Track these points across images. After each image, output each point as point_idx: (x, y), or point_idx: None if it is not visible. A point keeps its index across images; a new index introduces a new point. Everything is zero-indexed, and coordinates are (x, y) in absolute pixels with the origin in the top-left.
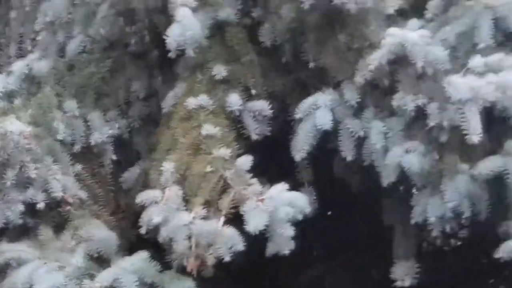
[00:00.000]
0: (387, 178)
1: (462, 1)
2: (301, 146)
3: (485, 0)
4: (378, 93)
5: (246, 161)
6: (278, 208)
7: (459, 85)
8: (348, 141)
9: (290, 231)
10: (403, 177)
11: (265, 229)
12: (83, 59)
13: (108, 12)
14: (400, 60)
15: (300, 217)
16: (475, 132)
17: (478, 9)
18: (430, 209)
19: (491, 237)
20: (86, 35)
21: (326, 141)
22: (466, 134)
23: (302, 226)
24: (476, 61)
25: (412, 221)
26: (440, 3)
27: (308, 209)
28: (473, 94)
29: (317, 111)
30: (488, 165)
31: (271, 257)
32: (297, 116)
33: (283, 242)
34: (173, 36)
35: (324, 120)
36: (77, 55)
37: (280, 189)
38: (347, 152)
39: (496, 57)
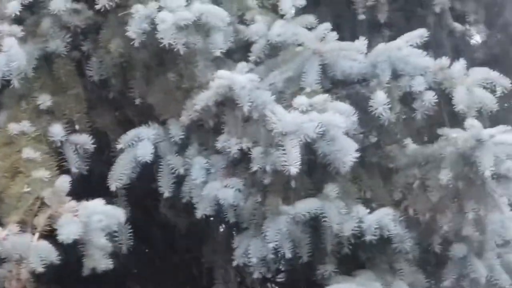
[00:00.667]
0: (203, 210)
1: (291, 46)
2: (118, 176)
3: (313, 46)
4: (203, 132)
5: (64, 181)
6: (92, 216)
7: (283, 117)
8: (167, 177)
9: (104, 240)
10: (220, 212)
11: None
12: None
13: None
14: (227, 103)
15: (115, 227)
16: (293, 164)
17: (306, 54)
18: (252, 250)
19: (309, 281)
20: None
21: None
22: (288, 177)
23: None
24: (301, 100)
25: (234, 263)
26: (265, 47)
27: (122, 219)
28: (295, 128)
29: (139, 143)
30: (306, 207)
31: None
32: (119, 146)
33: (99, 255)
34: None
35: (145, 152)
36: None
37: (95, 202)
38: (165, 188)
39: (321, 98)
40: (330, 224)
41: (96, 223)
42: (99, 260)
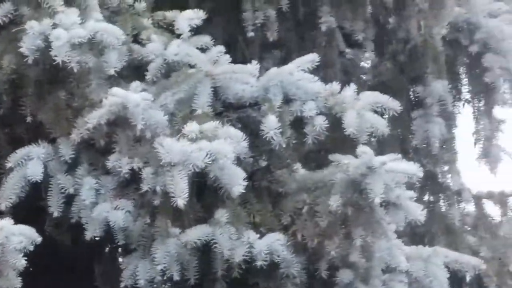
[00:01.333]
0: (92, 232)
1: (184, 67)
2: (7, 195)
3: (206, 68)
4: (93, 151)
5: None
6: (10, 237)
7: (171, 147)
8: (57, 196)
9: (21, 261)
10: (110, 234)
11: None
12: None
13: None
14: (119, 121)
15: (31, 247)
16: (181, 196)
17: (199, 76)
18: (140, 272)
19: None
20: None
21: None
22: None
23: None
24: (191, 127)
25: (122, 284)
26: (161, 66)
27: (38, 239)
28: (183, 158)
29: (29, 162)
30: (197, 233)
31: None
32: (8, 165)
33: (13, 275)
34: None
35: (35, 172)
36: None
37: (7, 222)
38: (54, 207)
39: (212, 125)
40: (221, 250)
41: (16, 244)
42: (12, 280)
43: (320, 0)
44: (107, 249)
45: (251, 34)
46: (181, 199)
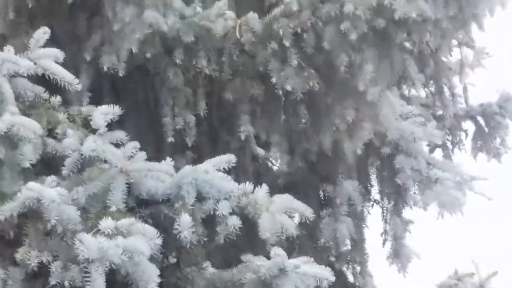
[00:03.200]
0: None
1: (98, 162)
2: None
3: (120, 164)
4: (2, 242)
5: None
6: None
7: (88, 244)
8: None
9: None
10: None
11: None
12: None
13: None
14: (30, 214)
15: None
16: None
17: (113, 172)
18: None
19: None
20: None
21: None
22: None
23: None
24: (107, 223)
25: None
26: (77, 162)
27: None
28: (100, 255)
29: None
30: None
31: None
32: None
33: None
34: None
35: None
36: None
37: None
38: None
39: (127, 222)
40: None
41: None
42: None
43: (238, 108)
44: None
45: (170, 139)
46: None
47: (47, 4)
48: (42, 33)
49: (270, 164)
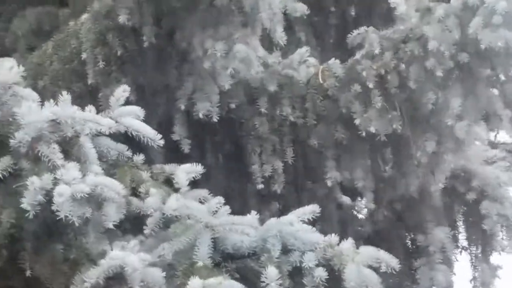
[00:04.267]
0: None
1: (183, 219)
2: None
3: (205, 220)
4: None
5: None
6: None
7: None
8: None
9: None
10: None
11: None
12: None
13: None
14: (117, 278)
15: None
16: None
17: (198, 227)
18: None
19: None
20: None
21: None
22: None
23: None
24: (195, 282)
25: None
26: (159, 221)
27: None
28: None
29: None
30: None
31: None
32: None
33: None
34: None
35: None
36: None
37: None
38: None
39: (215, 281)
40: None
41: None
42: None
43: (323, 153)
44: None
45: (260, 186)
46: None
47: (136, 53)
48: (122, 91)
49: (355, 213)
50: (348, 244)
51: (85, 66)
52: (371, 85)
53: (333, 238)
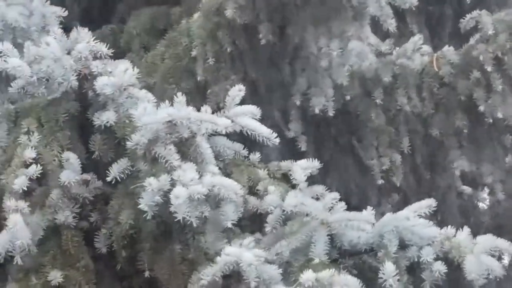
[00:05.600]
0: None
1: (299, 216)
2: None
3: (321, 216)
4: None
5: None
6: None
7: None
8: None
9: None
10: None
11: None
12: None
13: None
14: (234, 275)
15: None
16: None
17: (314, 224)
18: None
19: None
20: None
21: None
22: None
23: None
24: (308, 275)
25: None
26: (279, 218)
27: None
28: None
29: None
30: None
31: None
32: None
33: None
34: (2, 242)
35: None
36: None
37: None
38: None
39: (327, 273)
40: None
41: None
42: None
43: (445, 143)
44: None
45: (380, 181)
46: None
47: (247, 49)
48: (237, 90)
49: (476, 202)
50: (464, 234)
51: (195, 63)
52: (489, 69)
53: (450, 230)
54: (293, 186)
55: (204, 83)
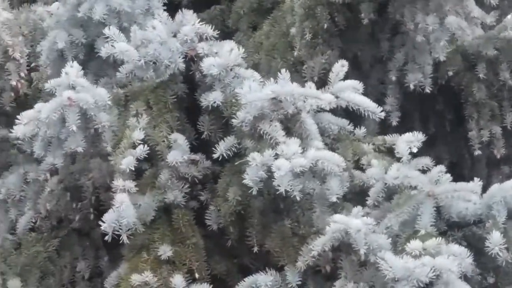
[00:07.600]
0: None
1: (405, 189)
2: None
3: (427, 189)
4: (319, 278)
5: None
6: None
7: (393, 263)
8: None
9: None
10: None
11: None
12: (30, 238)
13: (56, 187)
14: (343, 247)
15: None
16: None
17: (420, 197)
18: None
19: None
20: (36, 211)
21: None
22: None
23: None
24: (414, 244)
25: None
26: (381, 191)
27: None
28: (407, 274)
29: None
30: None
31: None
32: None
33: None
34: (109, 221)
35: None
36: (25, 233)
37: None
38: None
39: (434, 242)
40: None
41: None
42: None
43: None
44: None
45: (478, 152)
46: None
47: (345, 26)
48: (340, 66)
49: None
50: None
51: (294, 40)
52: None
53: None
54: (398, 160)
55: (300, 59)
